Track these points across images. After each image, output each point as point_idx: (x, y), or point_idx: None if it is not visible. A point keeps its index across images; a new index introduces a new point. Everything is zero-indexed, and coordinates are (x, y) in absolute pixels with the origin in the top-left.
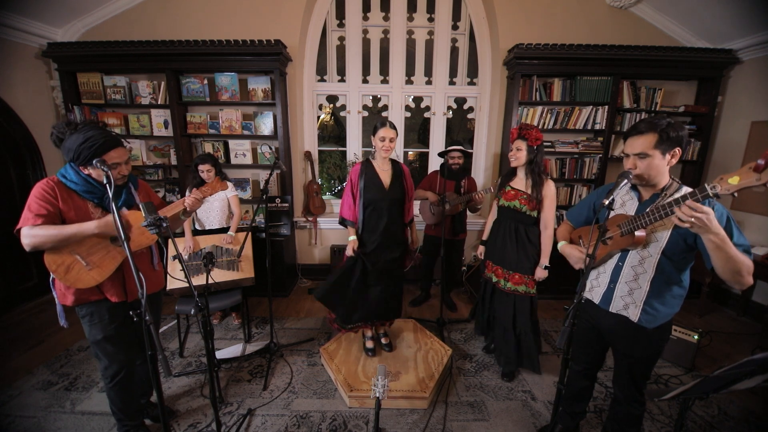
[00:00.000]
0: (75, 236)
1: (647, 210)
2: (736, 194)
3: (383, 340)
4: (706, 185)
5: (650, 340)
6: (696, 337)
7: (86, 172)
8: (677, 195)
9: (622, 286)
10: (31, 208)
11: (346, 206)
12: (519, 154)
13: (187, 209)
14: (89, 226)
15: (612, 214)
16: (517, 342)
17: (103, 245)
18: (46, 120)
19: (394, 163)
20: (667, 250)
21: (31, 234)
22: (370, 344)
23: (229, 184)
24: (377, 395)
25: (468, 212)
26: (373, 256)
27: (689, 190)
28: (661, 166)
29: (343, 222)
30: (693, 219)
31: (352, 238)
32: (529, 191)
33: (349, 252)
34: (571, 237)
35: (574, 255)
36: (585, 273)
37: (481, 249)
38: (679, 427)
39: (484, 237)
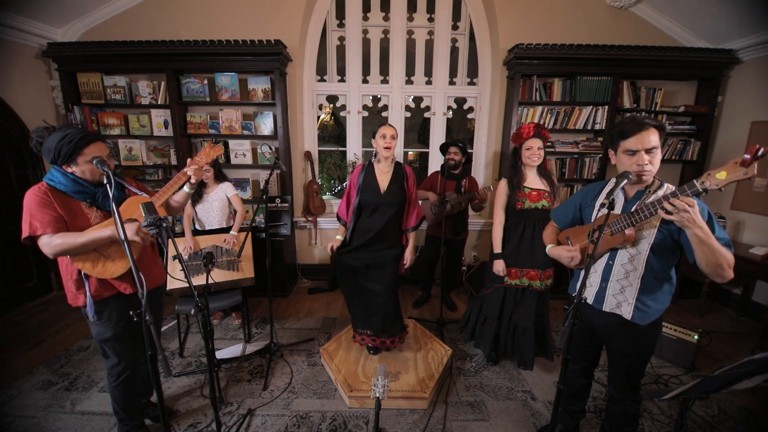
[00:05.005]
0: (93, 243)
1: (635, 208)
2: (723, 189)
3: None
4: (695, 180)
5: (643, 337)
6: (696, 337)
7: (70, 170)
8: (660, 192)
9: (614, 284)
10: (37, 218)
11: (342, 205)
12: (541, 153)
13: (192, 180)
14: (105, 232)
15: (599, 213)
16: (536, 335)
17: (115, 238)
18: (46, 120)
19: (397, 166)
20: (655, 247)
21: (50, 243)
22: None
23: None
24: (377, 395)
25: (470, 212)
26: (356, 257)
27: (671, 187)
28: None
29: (338, 219)
30: (682, 214)
31: (338, 237)
32: (549, 189)
33: (327, 249)
34: (558, 238)
35: (564, 255)
36: (585, 273)
37: (502, 264)
38: (679, 427)
39: (498, 250)
